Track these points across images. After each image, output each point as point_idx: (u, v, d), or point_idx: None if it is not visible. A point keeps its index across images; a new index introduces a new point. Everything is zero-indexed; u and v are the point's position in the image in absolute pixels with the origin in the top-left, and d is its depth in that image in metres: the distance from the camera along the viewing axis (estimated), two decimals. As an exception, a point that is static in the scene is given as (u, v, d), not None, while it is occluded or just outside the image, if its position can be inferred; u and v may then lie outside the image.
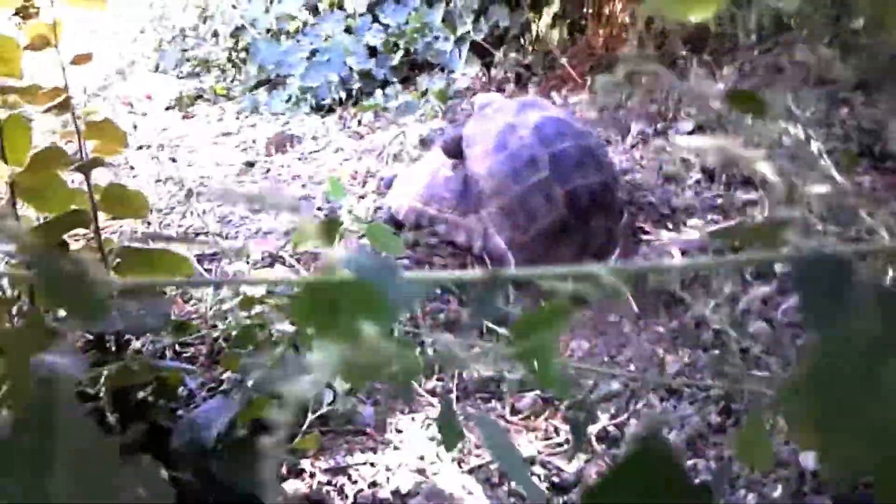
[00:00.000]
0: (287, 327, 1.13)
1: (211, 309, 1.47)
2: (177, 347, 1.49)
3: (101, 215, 1.06)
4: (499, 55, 2.94)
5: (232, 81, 3.89)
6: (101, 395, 1.01)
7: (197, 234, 1.98)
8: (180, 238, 1.81)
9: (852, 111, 2.03)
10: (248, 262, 1.68)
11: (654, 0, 0.60)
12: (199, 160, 2.83)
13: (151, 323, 1.00)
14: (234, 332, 1.42)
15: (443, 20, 3.19)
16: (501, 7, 2.93)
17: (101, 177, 1.13)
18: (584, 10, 3.39)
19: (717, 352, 1.34)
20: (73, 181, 1.10)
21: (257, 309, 1.11)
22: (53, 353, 0.82)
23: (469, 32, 2.95)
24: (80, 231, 1.13)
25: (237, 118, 3.45)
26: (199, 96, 3.84)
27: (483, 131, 1.67)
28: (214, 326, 1.49)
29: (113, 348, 1.17)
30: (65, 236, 1.01)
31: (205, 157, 2.88)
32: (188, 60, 4.29)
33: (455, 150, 1.75)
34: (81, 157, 0.97)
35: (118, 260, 1.06)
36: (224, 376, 1.41)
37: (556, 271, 0.45)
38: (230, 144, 3.04)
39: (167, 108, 3.64)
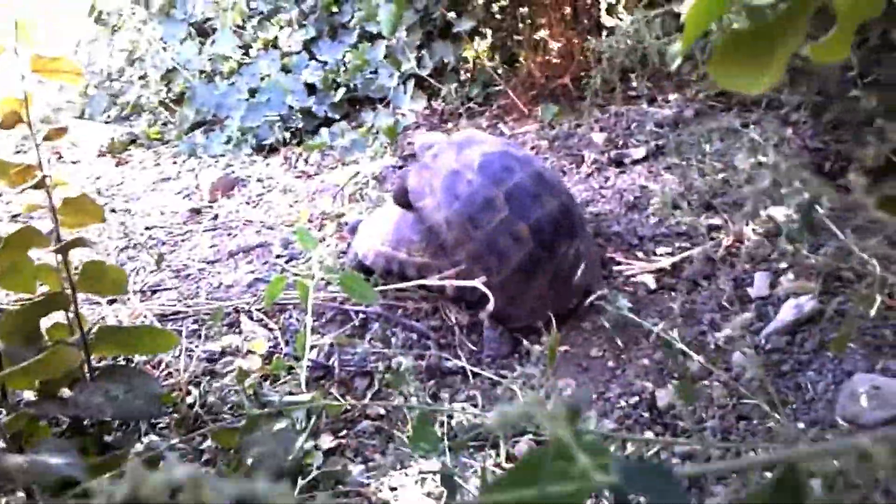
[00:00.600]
0: (275, 397, 1.08)
1: (188, 377, 1.40)
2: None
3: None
4: (445, 89, 2.92)
5: (165, 125, 3.79)
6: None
7: (154, 291, 1.89)
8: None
9: (799, 131, 2.08)
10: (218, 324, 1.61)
11: (721, 77, 0.59)
12: (140, 208, 2.73)
13: (142, 407, 0.94)
14: (217, 401, 1.36)
15: (385, 56, 3.17)
16: (445, 43, 2.92)
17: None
18: (518, 38, 3.42)
19: (705, 383, 1.34)
20: (38, 259, 1.04)
21: (249, 381, 1.05)
22: (49, 452, 0.76)
23: (413, 68, 2.93)
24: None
25: (175, 163, 3.35)
26: (133, 141, 3.72)
27: (427, 182, 1.65)
28: (189, 393, 1.42)
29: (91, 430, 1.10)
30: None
31: (146, 205, 2.78)
32: (116, 105, 4.17)
33: (405, 201, 1.73)
34: (57, 236, 0.91)
35: (98, 340, 1.00)
36: (204, 446, 1.35)
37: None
38: (171, 190, 2.95)
39: (99, 155, 3.52)
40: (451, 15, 3.01)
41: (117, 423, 1.18)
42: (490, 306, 1.54)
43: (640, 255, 1.76)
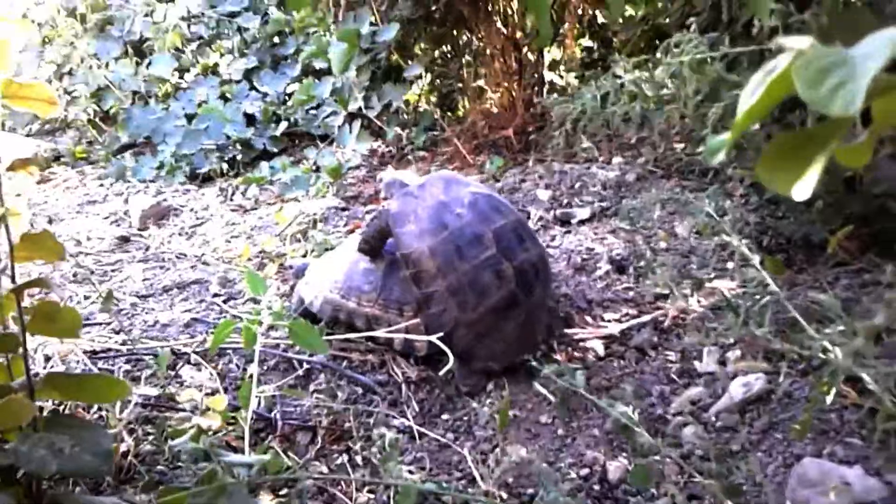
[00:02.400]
0: (236, 458, 1.02)
1: (124, 422, 1.32)
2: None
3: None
4: (390, 132, 2.91)
5: (91, 144, 3.65)
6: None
7: (84, 324, 1.79)
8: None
9: (738, 205, 2.14)
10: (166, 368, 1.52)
11: (765, 176, 0.59)
12: (65, 232, 2.60)
13: (91, 464, 0.87)
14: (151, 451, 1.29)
15: (331, 93, 3.13)
16: (395, 86, 2.92)
17: None
18: (460, 86, 3.45)
19: (657, 458, 1.33)
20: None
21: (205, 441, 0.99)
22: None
23: (361, 108, 2.90)
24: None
25: (101, 185, 3.22)
26: (57, 158, 3.57)
27: (412, 210, 1.62)
28: (122, 441, 1.33)
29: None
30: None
31: (70, 229, 2.65)
32: (40, 119, 3.99)
33: (377, 248, 1.69)
34: (12, 277, 0.84)
35: (44, 385, 0.93)
36: (137, 498, 1.26)
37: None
38: (98, 215, 2.83)
39: (8, 169, 3.35)
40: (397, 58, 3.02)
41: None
42: (450, 364, 1.52)
43: (588, 319, 1.77)
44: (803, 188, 0.55)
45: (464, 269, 1.56)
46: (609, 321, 1.76)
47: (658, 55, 2.14)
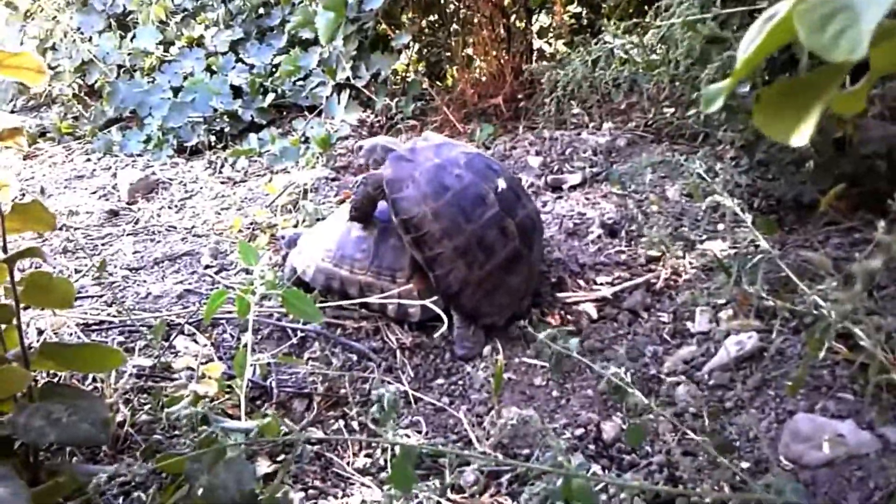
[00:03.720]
0: (233, 423, 1.02)
1: (119, 392, 1.32)
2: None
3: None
4: (379, 102, 2.89)
5: (77, 119, 3.62)
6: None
7: (76, 298, 1.78)
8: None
9: (729, 167, 2.13)
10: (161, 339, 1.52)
11: (763, 123, 0.59)
12: (54, 207, 2.58)
13: (88, 432, 0.87)
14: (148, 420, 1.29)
15: (318, 64, 3.11)
16: (383, 55, 2.89)
17: None
18: (448, 55, 3.43)
19: (650, 417, 1.34)
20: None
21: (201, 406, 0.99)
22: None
23: (349, 79, 2.88)
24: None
25: (88, 160, 3.20)
26: (42, 134, 3.53)
27: (408, 174, 1.61)
28: (118, 411, 1.33)
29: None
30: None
31: (59, 203, 2.63)
32: (22, 94, 3.95)
33: (367, 213, 1.69)
34: (3, 247, 0.83)
35: (39, 356, 0.92)
36: (133, 468, 1.27)
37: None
38: (86, 189, 2.81)
39: (5, 147, 3.32)
40: (384, 27, 2.99)
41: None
42: (444, 328, 1.54)
43: (581, 283, 1.77)
44: (801, 135, 0.55)
45: (470, 229, 1.56)
46: (602, 284, 1.77)
47: (647, 19, 2.13)
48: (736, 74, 0.57)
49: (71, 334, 1.59)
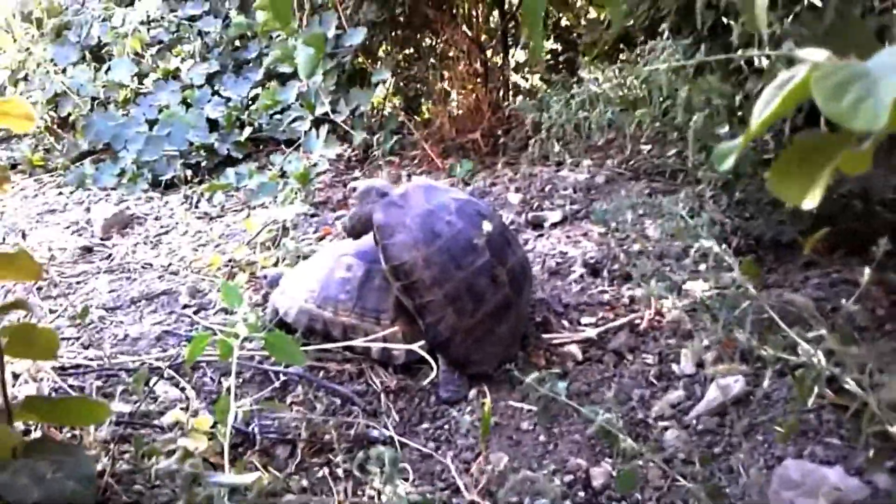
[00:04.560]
0: (225, 479, 1.00)
1: (100, 442, 1.28)
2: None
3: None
4: (357, 137, 2.88)
5: (49, 151, 3.57)
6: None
7: (50, 342, 1.74)
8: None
9: (707, 206, 2.15)
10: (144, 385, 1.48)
11: (776, 185, 0.59)
12: (25, 243, 2.53)
13: (75, 491, 0.84)
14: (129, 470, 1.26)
15: (297, 98, 3.10)
16: (363, 90, 2.89)
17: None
18: (424, 89, 3.44)
19: (639, 463, 1.34)
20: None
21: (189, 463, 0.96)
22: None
23: (328, 113, 2.87)
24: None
25: (60, 193, 3.15)
26: (13, 166, 3.48)
27: (399, 220, 1.60)
28: (97, 460, 1.30)
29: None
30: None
31: (31, 239, 2.58)
32: (-7, 125, 3.89)
33: (361, 230, 1.68)
34: (-11, 297, 0.81)
35: (22, 409, 0.90)
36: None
37: None
38: (58, 224, 2.76)
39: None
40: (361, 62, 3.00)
41: None
42: (434, 374, 1.53)
43: (565, 323, 1.77)
44: (813, 198, 0.55)
45: (460, 277, 1.56)
46: (586, 325, 1.76)
47: (623, 56, 2.16)
48: (749, 135, 0.57)
49: (45, 379, 1.55)
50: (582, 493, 1.32)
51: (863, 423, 1.04)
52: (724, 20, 1.96)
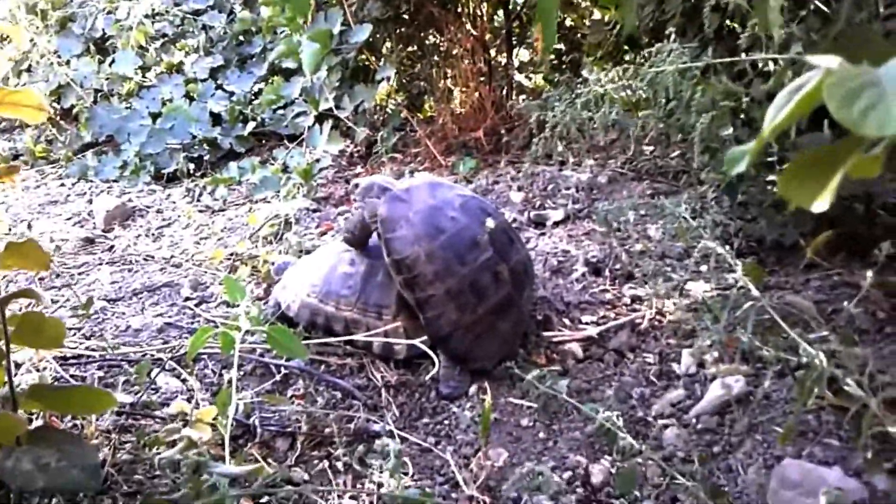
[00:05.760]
0: (227, 469, 1.00)
1: (101, 431, 1.28)
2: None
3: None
4: (360, 133, 2.88)
5: (51, 143, 3.57)
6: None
7: (52, 331, 1.74)
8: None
9: (710, 207, 2.16)
10: (148, 376, 1.48)
11: (787, 190, 0.59)
12: (27, 234, 2.53)
13: (78, 478, 0.85)
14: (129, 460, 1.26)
15: (301, 93, 3.10)
16: (367, 87, 2.89)
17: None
18: (427, 86, 3.44)
19: (638, 460, 1.34)
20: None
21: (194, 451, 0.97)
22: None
23: (331, 109, 2.88)
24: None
25: (63, 185, 3.15)
26: (15, 157, 3.48)
27: (402, 215, 1.60)
28: (98, 450, 1.30)
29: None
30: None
31: (33, 230, 2.59)
32: (-4, 116, 3.89)
33: (361, 239, 1.68)
34: (-3, 284, 0.81)
35: (28, 398, 0.90)
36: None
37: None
38: (60, 216, 2.76)
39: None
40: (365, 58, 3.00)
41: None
42: (435, 370, 1.54)
43: (566, 321, 1.77)
44: (823, 202, 0.56)
45: (463, 273, 1.56)
46: (587, 324, 1.77)
47: (628, 58, 2.16)
48: (761, 140, 0.58)
49: (46, 368, 1.56)
50: (581, 490, 1.33)
51: (862, 425, 1.05)
52: (730, 23, 1.97)
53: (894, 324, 1.58)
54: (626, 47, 2.93)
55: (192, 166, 3.06)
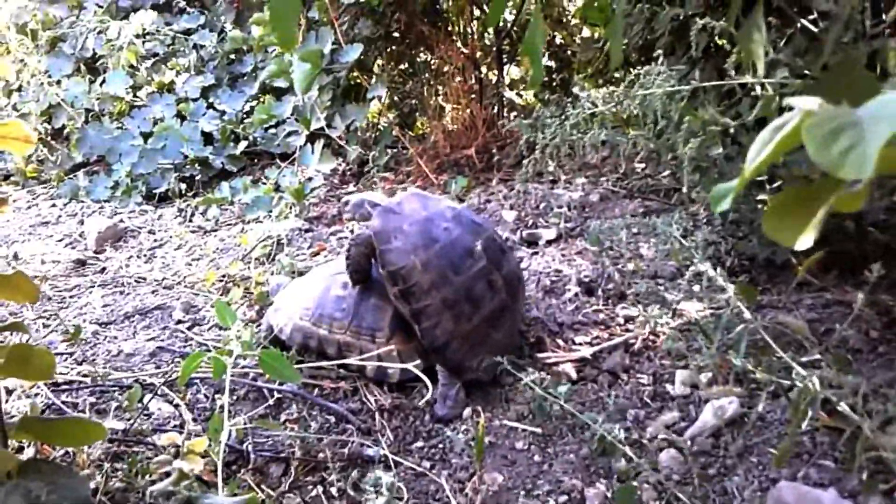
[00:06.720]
0: (218, 500, 0.99)
1: (93, 459, 1.27)
2: None
3: None
4: (352, 152, 2.89)
5: (42, 163, 3.56)
6: None
7: (43, 357, 1.73)
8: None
9: (701, 225, 2.16)
10: (138, 403, 1.47)
11: (771, 228, 0.60)
12: (18, 255, 2.52)
13: (71, 512, 0.84)
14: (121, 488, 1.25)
15: (293, 113, 3.11)
16: (358, 106, 2.90)
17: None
18: (418, 104, 3.45)
19: (634, 483, 1.34)
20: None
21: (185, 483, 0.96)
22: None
23: (323, 128, 2.88)
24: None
25: (54, 205, 3.14)
26: (6, 177, 3.47)
27: (396, 226, 1.60)
28: (90, 478, 1.29)
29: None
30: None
31: (24, 251, 2.58)
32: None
33: (365, 273, 1.67)
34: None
35: (18, 430, 0.89)
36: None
37: None
38: (51, 236, 2.75)
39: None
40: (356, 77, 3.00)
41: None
42: (430, 394, 1.53)
43: (560, 342, 1.77)
44: (806, 240, 0.56)
45: (458, 282, 1.56)
46: (580, 344, 1.77)
47: (617, 76, 2.17)
48: (742, 180, 0.58)
49: (37, 395, 1.55)
50: (577, 514, 1.32)
51: (857, 447, 1.05)
52: (718, 41, 1.98)
53: (887, 343, 1.58)
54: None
55: (183, 186, 3.06)
